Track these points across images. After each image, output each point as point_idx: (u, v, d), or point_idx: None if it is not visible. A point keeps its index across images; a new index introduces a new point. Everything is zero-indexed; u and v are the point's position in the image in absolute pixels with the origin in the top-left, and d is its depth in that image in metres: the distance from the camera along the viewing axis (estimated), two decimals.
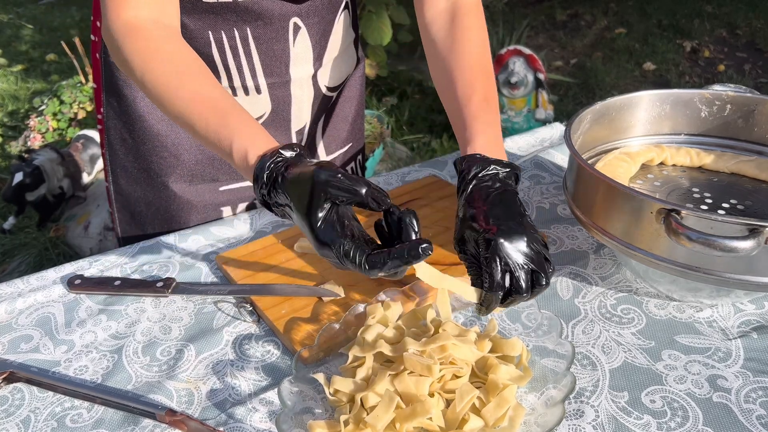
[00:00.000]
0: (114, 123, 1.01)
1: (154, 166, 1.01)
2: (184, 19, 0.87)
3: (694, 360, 0.71)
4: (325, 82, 1.04)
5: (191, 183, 1.03)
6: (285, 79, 0.97)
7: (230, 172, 1.04)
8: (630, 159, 0.88)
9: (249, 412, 0.67)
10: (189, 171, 1.02)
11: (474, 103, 0.79)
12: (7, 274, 2.29)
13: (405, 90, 3.58)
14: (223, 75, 0.94)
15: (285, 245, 0.92)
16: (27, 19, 4.05)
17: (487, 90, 0.81)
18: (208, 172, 1.04)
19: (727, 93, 0.92)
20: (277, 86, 0.97)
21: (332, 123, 1.11)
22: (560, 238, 0.93)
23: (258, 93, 0.97)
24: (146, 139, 0.99)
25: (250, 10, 0.88)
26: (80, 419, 0.68)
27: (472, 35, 0.86)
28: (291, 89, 0.99)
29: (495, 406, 0.62)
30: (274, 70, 0.95)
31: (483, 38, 0.87)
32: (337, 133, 1.13)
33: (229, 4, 0.86)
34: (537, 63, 3.08)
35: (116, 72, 0.97)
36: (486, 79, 0.83)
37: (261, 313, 0.80)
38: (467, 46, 0.85)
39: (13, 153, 3.04)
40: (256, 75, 0.95)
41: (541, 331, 0.72)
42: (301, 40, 0.95)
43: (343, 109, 1.12)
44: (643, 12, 4.79)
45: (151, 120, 0.98)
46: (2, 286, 0.88)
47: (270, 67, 0.95)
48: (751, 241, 0.63)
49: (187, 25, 0.88)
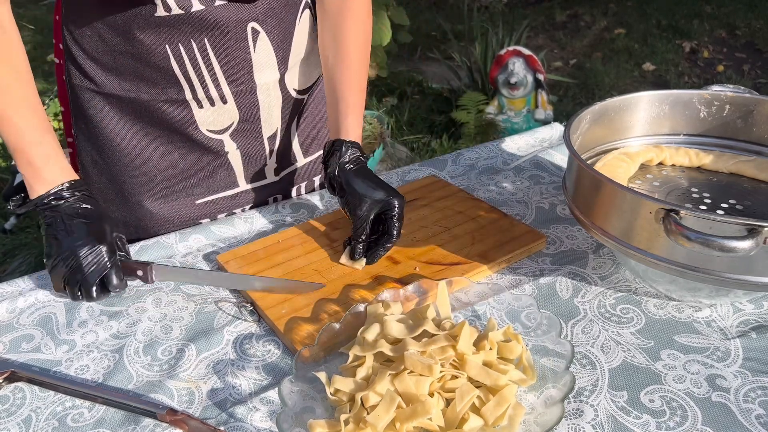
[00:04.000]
0: (84, 145, 1.00)
1: (127, 185, 1.00)
2: (139, 35, 0.86)
3: (693, 359, 0.72)
4: (293, 86, 1.03)
5: (166, 200, 1.02)
6: (250, 86, 0.96)
7: (206, 184, 1.03)
8: (629, 159, 0.88)
9: (249, 411, 0.67)
10: (162, 188, 1.01)
11: (353, 93, 0.95)
12: (8, 273, 2.29)
13: (405, 90, 3.58)
14: (186, 87, 0.92)
15: (285, 245, 0.92)
16: (28, 20, 4.06)
17: (362, 77, 0.97)
18: (181, 187, 1.02)
19: (726, 93, 0.92)
20: (242, 94, 0.96)
21: (306, 125, 1.10)
22: (560, 238, 0.94)
23: (224, 102, 0.95)
24: (116, 159, 0.98)
25: (205, 20, 0.87)
26: (81, 419, 0.68)
27: (359, 13, 0.96)
28: (258, 96, 0.98)
29: (495, 406, 0.62)
30: (237, 78, 0.94)
31: (368, 20, 0.98)
32: (313, 134, 1.12)
33: (181, 15, 0.85)
34: (536, 63, 3.08)
35: (81, 94, 0.95)
36: (365, 70, 0.98)
37: (261, 312, 0.81)
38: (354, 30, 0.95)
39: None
40: (219, 84, 0.93)
41: (540, 330, 0.73)
42: (262, 45, 0.94)
43: (319, 109, 1.11)
44: (643, 12, 4.79)
45: (118, 140, 0.97)
46: (3, 285, 0.88)
47: (233, 76, 0.94)
48: (750, 241, 0.63)
49: (143, 40, 0.87)
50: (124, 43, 0.88)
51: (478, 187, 1.08)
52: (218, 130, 0.98)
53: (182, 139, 0.98)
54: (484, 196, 1.05)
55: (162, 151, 0.98)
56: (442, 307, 0.75)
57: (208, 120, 0.96)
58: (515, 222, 0.95)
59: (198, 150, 0.99)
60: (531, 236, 0.91)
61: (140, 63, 0.90)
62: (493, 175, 1.12)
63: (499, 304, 0.78)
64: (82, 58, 0.93)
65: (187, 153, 0.99)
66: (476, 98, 3.13)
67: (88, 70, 0.93)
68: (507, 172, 1.13)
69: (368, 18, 0.98)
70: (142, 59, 0.89)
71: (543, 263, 0.89)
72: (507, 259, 0.88)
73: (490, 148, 1.21)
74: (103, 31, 0.88)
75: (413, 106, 3.43)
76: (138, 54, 0.89)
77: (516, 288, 0.83)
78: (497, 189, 1.08)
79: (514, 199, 1.04)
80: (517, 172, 1.13)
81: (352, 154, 0.92)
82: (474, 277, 0.85)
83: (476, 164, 1.16)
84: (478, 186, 1.09)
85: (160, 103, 0.93)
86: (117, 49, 0.89)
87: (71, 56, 0.94)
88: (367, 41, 0.98)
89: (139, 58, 0.89)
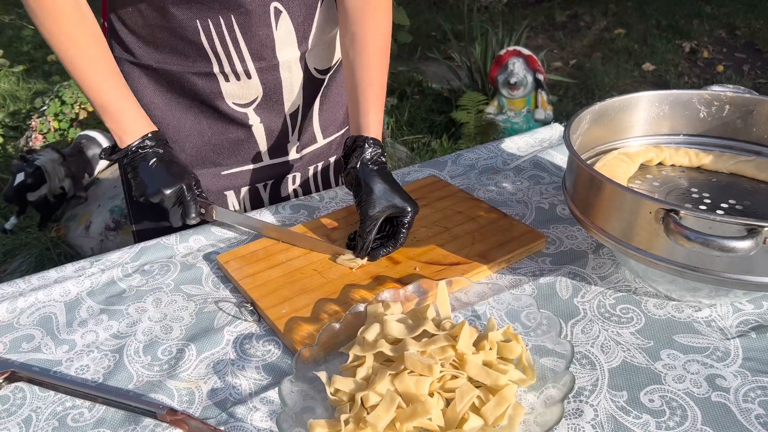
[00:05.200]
0: None
1: None
2: (172, 10, 0.92)
3: (693, 359, 0.72)
4: (315, 65, 1.07)
5: (194, 168, 1.06)
6: (273, 62, 1.00)
7: (232, 156, 1.08)
8: (629, 159, 0.88)
9: (250, 411, 0.67)
10: (192, 156, 1.06)
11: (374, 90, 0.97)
12: (8, 273, 2.29)
13: (405, 90, 3.58)
14: (214, 61, 0.97)
15: (285, 245, 0.92)
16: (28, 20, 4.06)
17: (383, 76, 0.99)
18: (209, 157, 1.07)
19: (725, 93, 0.92)
20: (265, 70, 1.01)
21: (327, 106, 1.15)
22: (559, 238, 0.94)
23: (248, 78, 1.00)
24: None
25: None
26: (81, 418, 0.68)
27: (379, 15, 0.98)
28: (280, 73, 1.02)
29: (494, 405, 0.62)
30: (261, 55, 0.99)
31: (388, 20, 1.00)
32: (333, 117, 1.17)
33: None
34: (536, 63, 3.08)
35: (121, 66, 0.99)
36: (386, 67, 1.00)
37: (262, 312, 0.81)
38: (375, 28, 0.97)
39: (14, 153, 3.04)
40: (245, 60, 0.98)
41: (540, 330, 0.73)
42: (284, 24, 0.97)
43: (340, 93, 1.15)
44: (643, 13, 4.79)
45: (153, 109, 1.02)
46: (4, 285, 0.88)
47: (257, 52, 0.98)
48: (750, 241, 0.63)
49: (176, 15, 0.92)
50: (160, 17, 0.94)
51: (478, 187, 1.08)
52: (243, 103, 1.03)
53: (210, 110, 1.03)
54: (484, 196, 1.05)
55: (192, 121, 1.04)
56: (442, 307, 0.76)
57: (234, 93, 1.02)
58: (515, 222, 0.95)
59: (225, 121, 1.05)
60: (531, 236, 0.91)
61: (174, 37, 0.95)
62: (493, 175, 1.12)
63: (499, 304, 0.79)
64: (124, 33, 0.99)
65: (215, 123, 1.05)
66: (476, 98, 3.13)
67: (128, 43, 0.99)
68: (507, 172, 1.13)
69: (388, 16, 1.00)
70: (176, 33, 0.95)
71: (543, 263, 0.89)
72: (507, 259, 0.88)
73: (490, 149, 1.21)
74: (143, 6, 0.94)
75: (413, 106, 3.43)
76: (172, 28, 0.94)
77: (516, 288, 0.83)
78: (497, 189, 1.08)
79: (514, 199, 1.04)
80: (517, 172, 1.13)
81: (374, 152, 0.94)
82: (474, 277, 0.85)
83: (476, 164, 1.16)
84: (478, 186, 1.09)
85: (190, 75, 0.99)
86: (154, 23, 0.95)
87: (114, 31, 1.00)
88: (387, 39, 1.00)
89: (173, 32, 0.95)
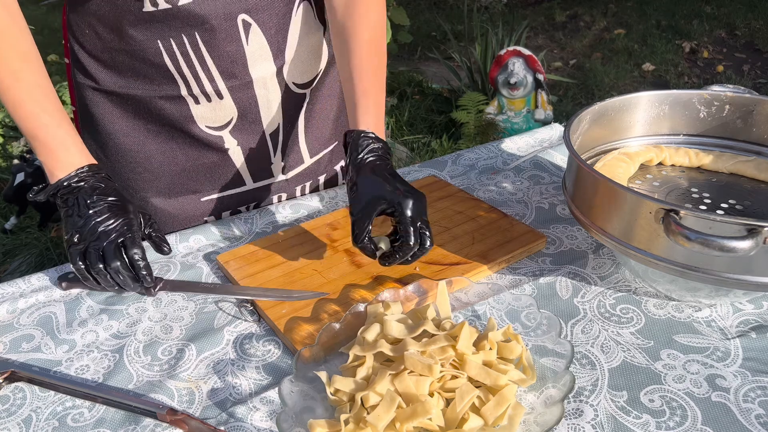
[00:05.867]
0: (89, 143, 0.99)
1: (132, 182, 1.00)
2: (130, 31, 0.86)
3: (693, 359, 0.72)
4: (293, 79, 1.00)
5: (170, 196, 1.02)
6: (245, 80, 0.94)
7: (209, 182, 1.02)
8: (629, 159, 0.88)
9: (250, 411, 0.67)
10: (166, 184, 1.01)
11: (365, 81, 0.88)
12: (8, 274, 2.29)
13: (405, 90, 3.58)
14: (181, 84, 0.91)
15: (286, 245, 0.92)
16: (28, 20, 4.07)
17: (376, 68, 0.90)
18: (185, 184, 1.02)
19: (725, 93, 0.92)
20: (238, 89, 0.94)
21: (313, 123, 1.08)
22: (559, 238, 0.94)
23: (220, 98, 0.94)
24: (119, 156, 0.98)
25: (193, 14, 0.85)
26: (81, 418, 0.68)
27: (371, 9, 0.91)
28: (255, 90, 0.95)
29: (494, 405, 0.62)
30: (231, 73, 0.92)
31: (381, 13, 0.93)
32: (319, 133, 1.09)
33: (169, 10, 0.84)
34: (536, 64, 3.08)
35: (84, 92, 0.96)
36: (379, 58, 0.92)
37: (262, 312, 0.81)
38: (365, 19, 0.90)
39: (14, 153, 3.04)
40: (214, 79, 0.92)
41: (540, 330, 0.73)
42: (255, 38, 0.91)
43: (324, 108, 1.08)
44: (642, 13, 4.79)
45: (120, 137, 0.97)
46: (4, 285, 0.88)
47: (227, 70, 0.92)
48: (750, 241, 0.64)
49: (134, 36, 0.86)
50: (117, 39, 0.88)
51: (478, 187, 1.08)
52: (217, 126, 0.97)
53: (182, 135, 0.97)
54: (484, 196, 1.05)
55: (163, 148, 0.98)
56: (442, 307, 0.76)
57: (206, 116, 0.95)
58: (515, 222, 0.95)
59: (198, 146, 0.99)
60: (531, 236, 0.91)
61: (135, 60, 0.89)
62: (493, 175, 1.12)
63: (499, 304, 0.79)
64: (82, 56, 0.93)
65: (188, 149, 0.99)
66: (476, 98, 3.14)
67: (88, 68, 0.93)
68: (507, 172, 1.13)
69: (379, 8, 0.92)
70: (137, 56, 0.89)
71: (543, 263, 0.89)
72: (507, 259, 0.88)
73: (490, 149, 1.21)
74: (98, 28, 0.88)
75: (413, 106, 3.43)
76: (132, 51, 0.88)
77: (516, 288, 0.83)
78: (497, 189, 1.08)
79: (514, 199, 1.04)
80: (517, 172, 1.13)
81: (365, 144, 0.84)
82: (474, 277, 0.85)
83: (476, 164, 1.16)
84: (478, 186, 1.09)
85: (157, 100, 0.93)
86: (112, 46, 0.89)
87: (74, 54, 0.94)
88: (379, 31, 0.92)
89: (134, 54, 0.89)
